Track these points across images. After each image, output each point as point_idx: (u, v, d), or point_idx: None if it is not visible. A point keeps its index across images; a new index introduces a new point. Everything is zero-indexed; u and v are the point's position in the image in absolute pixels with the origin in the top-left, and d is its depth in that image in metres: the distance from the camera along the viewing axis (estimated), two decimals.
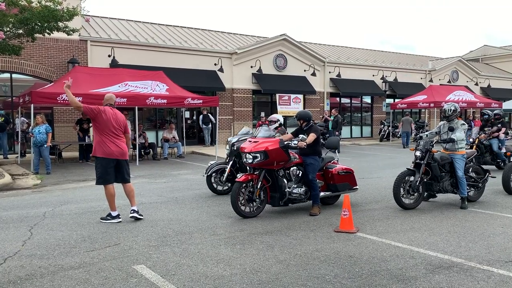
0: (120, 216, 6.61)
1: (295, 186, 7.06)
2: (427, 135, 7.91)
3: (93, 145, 6.61)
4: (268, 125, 8.44)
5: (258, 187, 6.78)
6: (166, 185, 10.24)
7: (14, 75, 17.24)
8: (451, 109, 7.74)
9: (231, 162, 8.56)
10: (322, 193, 7.36)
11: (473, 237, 5.76)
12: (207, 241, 5.57)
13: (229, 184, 8.58)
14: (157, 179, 11.08)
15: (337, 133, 19.60)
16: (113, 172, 6.54)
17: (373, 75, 27.59)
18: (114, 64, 18.19)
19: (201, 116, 20.50)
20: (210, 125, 20.33)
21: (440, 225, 6.41)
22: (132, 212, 6.61)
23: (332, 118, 20.33)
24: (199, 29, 25.17)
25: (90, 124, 15.88)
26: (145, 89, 14.45)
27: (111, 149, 6.44)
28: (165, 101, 14.49)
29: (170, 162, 15.12)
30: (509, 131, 32.34)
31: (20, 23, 12.48)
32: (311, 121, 7.44)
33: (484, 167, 8.89)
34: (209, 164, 8.92)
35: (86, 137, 15.52)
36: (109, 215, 6.61)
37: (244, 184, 6.73)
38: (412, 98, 24.69)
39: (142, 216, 6.70)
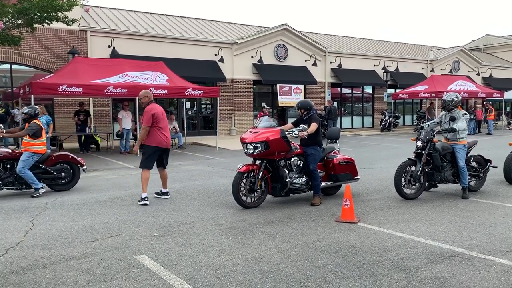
0: (147, 199, 7.21)
1: (296, 176, 7.04)
2: (428, 125, 7.88)
3: (146, 137, 7.28)
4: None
5: (259, 177, 6.76)
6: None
7: (14, 66, 17.20)
8: (451, 99, 7.70)
9: None
10: (323, 183, 7.36)
11: (474, 226, 5.76)
12: (208, 231, 5.58)
13: None
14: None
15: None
16: (156, 159, 7.39)
17: (374, 65, 27.47)
18: (114, 54, 18.13)
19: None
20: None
21: (441, 215, 6.41)
22: (166, 193, 7.70)
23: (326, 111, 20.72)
24: (199, 19, 25.01)
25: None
26: (145, 80, 14.39)
27: (162, 139, 7.29)
28: (165, 91, 14.44)
29: (171, 153, 14.98)
30: (511, 121, 32.00)
31: (19, 13, 12.41)
32: (312, 111, 7.36)
33: None
34: None
35: (87, 128, 15.48)
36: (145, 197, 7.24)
37: (246, 175, 6.72)
38: (414, 88, 24.62)
39: (167, 196, 7.66)
